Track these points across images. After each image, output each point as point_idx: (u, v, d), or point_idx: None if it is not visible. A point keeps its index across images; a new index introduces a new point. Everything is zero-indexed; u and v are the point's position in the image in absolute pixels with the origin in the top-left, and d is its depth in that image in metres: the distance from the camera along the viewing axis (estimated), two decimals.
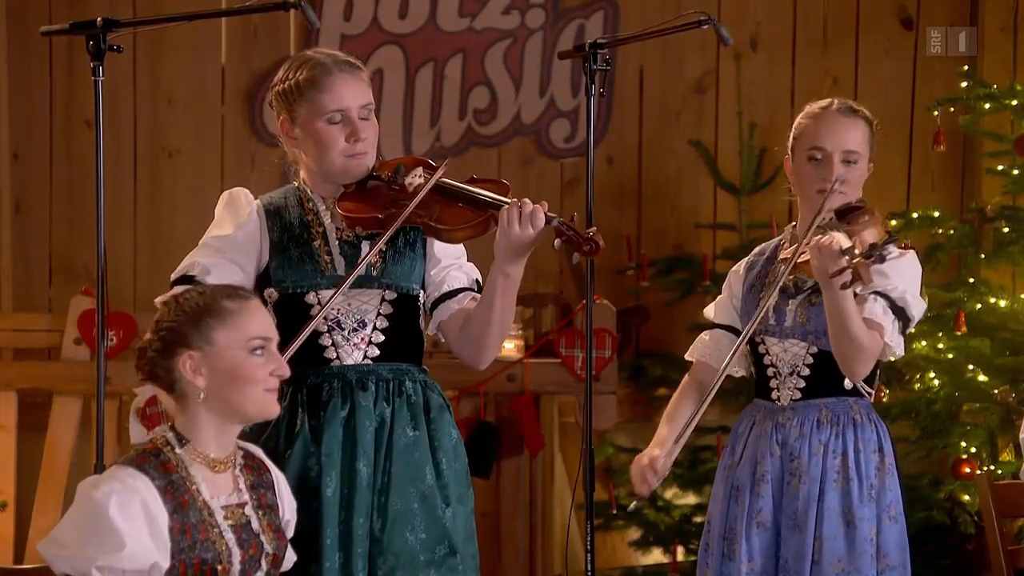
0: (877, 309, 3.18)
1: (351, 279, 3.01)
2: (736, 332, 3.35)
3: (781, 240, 3.40)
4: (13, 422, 4.98)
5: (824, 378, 3.28)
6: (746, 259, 3.45)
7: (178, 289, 2.96)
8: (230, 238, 3.07)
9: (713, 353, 3.39)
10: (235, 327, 2.66)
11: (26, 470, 5.00)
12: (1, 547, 4.87)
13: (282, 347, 2.82)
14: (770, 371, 3.32)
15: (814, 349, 3.28)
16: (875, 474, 3.26)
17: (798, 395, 3.29)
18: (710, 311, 3.45)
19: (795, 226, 3.37)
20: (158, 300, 2.93)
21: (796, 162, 3.33)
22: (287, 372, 2.71)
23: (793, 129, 3.35)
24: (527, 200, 3.00)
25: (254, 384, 2.66)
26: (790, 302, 3.30)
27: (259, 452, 2.83)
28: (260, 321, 2.69)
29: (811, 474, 3.25)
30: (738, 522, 3.28)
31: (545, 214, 2.99)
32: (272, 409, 2.70)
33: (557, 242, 3.01)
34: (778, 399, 3.31)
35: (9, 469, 4.98)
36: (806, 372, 3.29)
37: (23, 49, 5.59)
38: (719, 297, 3.45)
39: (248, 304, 2.69)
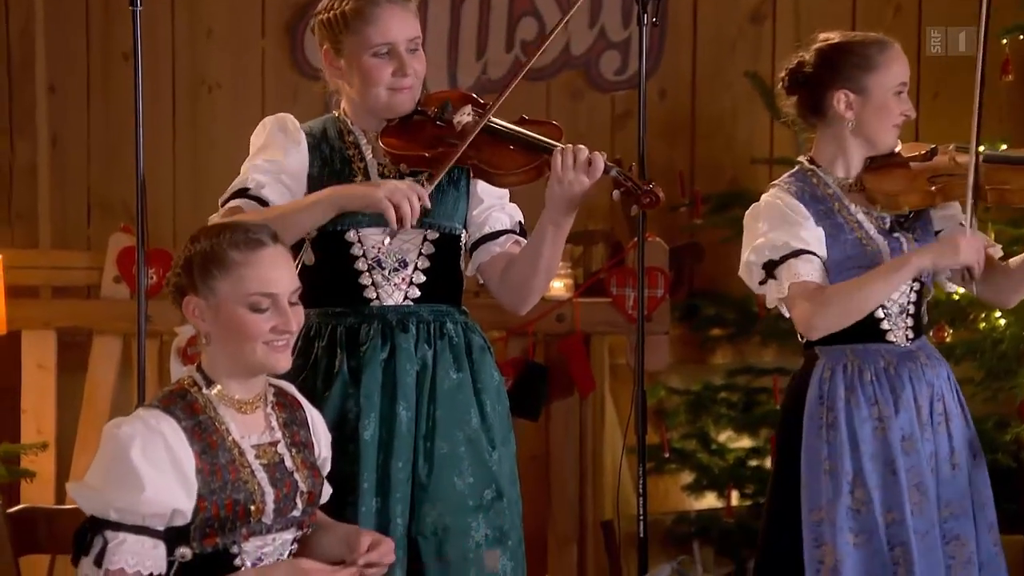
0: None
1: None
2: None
3: (839, 181, 3.29)
4: (53, 361, 4.96)
5: (922, 316, 3.28)
6: (788, 193, 3.27)
7: (233, 204, 2.95)
8: (282, 163, 3.00)
9: (820, 279, 3.22)
10: (237, 280, 2.59)
11: (66, 410, 4.98)
12: (42, 487, 4.84)
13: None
14: (880, 312, 3.23)
15: (917, 286, 3.25)
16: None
17: (912, 335, 3.26)
18: (797, 240, 3.22)
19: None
20: (212, 219, 2.92)
21: (878, 96, 3.25)
22: (293, 327, 2.64)
23: (868, 66, 3.26)
24: (583, 147, 2.92)
25: (253, 340, 2.61)
26: (900, 239, 3.25)
27: (291, 388, 2.79)
28: (266, 275, 2.61)
29: (955, 411, 3.24)
30: (920, 473, 3.18)
31: (604, 163, 2.91)
32: (276, 364, 2.64)
33: (616, 193, 2.94)
34: (895, 340, 3.25)
35: (49, 409, 4.96)
36: (912, 310, 3.26)
37: None
38: (796, 224, 3.23)
39: (255, 256, 2.61)
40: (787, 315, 3.23)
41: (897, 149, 3.32)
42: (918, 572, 3.13)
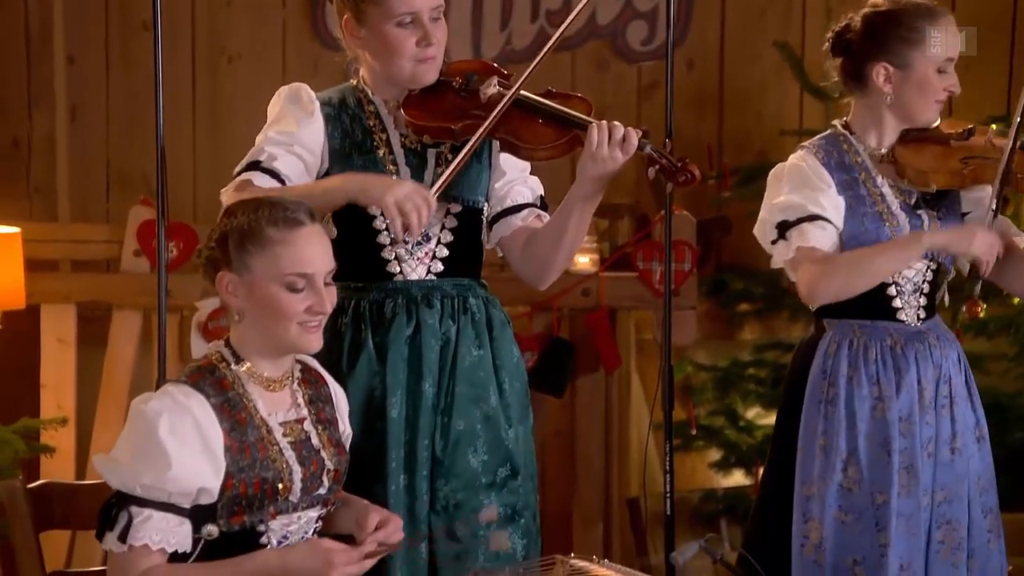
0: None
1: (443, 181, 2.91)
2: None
3: (870, 151, 3.22)
4: (72, 336, 4.94)
5: (935, 296, 3.22)
6: (814, 158, 3.20)
7: (245, 176, 2.91)
8: (295, 135, 2.96)
9: (832, 248, 3.16)
10: (273, 258, 2.55)
11: (86, 385, 4.95)
12: (62, 462, 4.83)
13: None
14: (892, 290, 3.18)
15: (934, 266, 3.19)
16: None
17: (923, 315, 3.19)
18: (814, 205, 3.16)
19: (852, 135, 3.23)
20: (224, 192, 2.90)
21: (920, 72, 3.16)
22: (327, 309, 2.61)
23: (915, 40, 3.15)
24: (617, 123, 2.88)
25: (287, 319, 2.57)
26: (923, 217, 3.18)
27: (315, 364, 2.76)
28: (303, 254, 2.58)
29: (961, 395, 3.18)
30: (912, 455, 3.12)
31: (639, 140, 2.87)
32: (309, 344, 2.62)
33: (651, 171, 2.90)
34: (906, 319, 3.18)
35: (69, 384, 4.94)
36: (927, 289, 3.20)
37: None
38: (817, 189, 3.18)
39: (293, 234, 2.57)
40: (792, 278, 3.19)
41: (936, 124, 3.24)
42: (892, 555, 3.09)
